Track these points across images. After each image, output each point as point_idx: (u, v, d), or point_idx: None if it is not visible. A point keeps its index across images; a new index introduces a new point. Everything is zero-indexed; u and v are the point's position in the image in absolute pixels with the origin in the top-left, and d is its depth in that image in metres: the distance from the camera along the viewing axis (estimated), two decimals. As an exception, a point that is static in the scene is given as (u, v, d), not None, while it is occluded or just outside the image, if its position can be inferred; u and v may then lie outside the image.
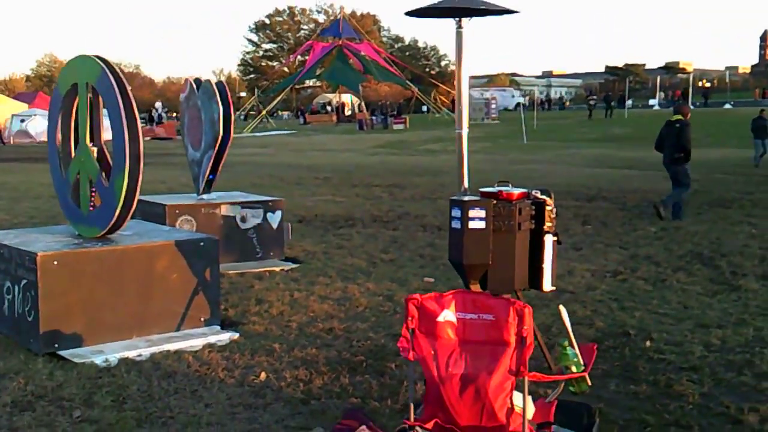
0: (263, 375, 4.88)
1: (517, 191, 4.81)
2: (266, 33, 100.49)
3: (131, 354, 5.22)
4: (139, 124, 5.43)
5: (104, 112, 5.54)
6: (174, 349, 5.36)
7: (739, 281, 7.59)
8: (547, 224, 4.86)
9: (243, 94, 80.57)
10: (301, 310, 6.47)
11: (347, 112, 64.54)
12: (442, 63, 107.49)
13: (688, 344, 5.60)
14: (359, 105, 64.36)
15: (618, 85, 67.92)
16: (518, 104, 65.14)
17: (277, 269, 8.08)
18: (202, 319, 5.80)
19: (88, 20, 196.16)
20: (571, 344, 3.47)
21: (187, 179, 18.93)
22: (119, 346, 5.33)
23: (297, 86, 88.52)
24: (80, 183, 5.81)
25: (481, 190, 4.87)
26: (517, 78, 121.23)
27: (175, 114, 64.12)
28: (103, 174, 5.63)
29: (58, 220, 9.86)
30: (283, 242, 8.63)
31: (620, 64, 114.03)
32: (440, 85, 66.35)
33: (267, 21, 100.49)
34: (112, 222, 5.54)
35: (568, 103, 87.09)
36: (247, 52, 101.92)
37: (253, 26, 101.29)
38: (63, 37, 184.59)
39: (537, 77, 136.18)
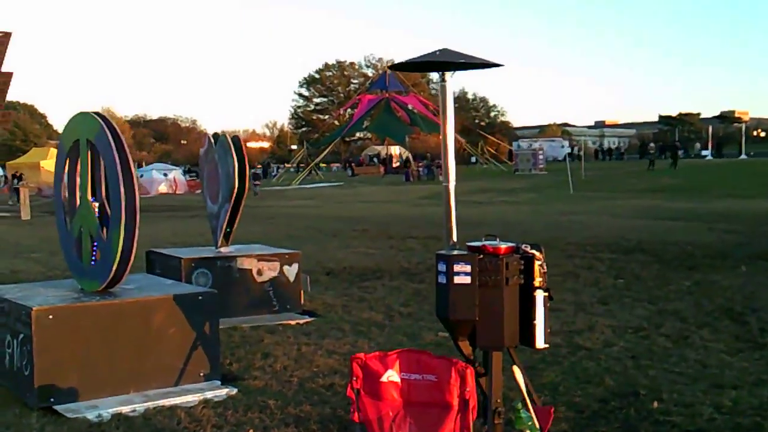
0: (250, 432, 4.81)
1: (504, 245, 4.71)
2: (316, 87, 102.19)
3: (125, 409, 5.19)
4: (136, 180, 5.49)
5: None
6: (169, 405, 5.33)
7: (766, 338, 7.30)
8: (538, 279, 4.74)
9: (294, 147, 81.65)
10: (305, 365, 6.39)
11: (395, 164, 64.92)
12: (492, 114, 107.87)
13: (699, 406, 5.36)
14: (406, 157, 64.73)
15: (671, 135, 67.14)
16: (568, 154, 64.84)
17: (293, 322, 8.03)
18: (202, 374, 5.77)
19: (144, 75, 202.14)
20: (525, 407, 3.33)
21: (180, 231, 19.18)
22: (115, 401, 5.32)
23: (347, 138, 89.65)
24: (82, 237, 5.87)
25: (468, 244, 4.78)
26: (569, 128, 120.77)
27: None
28: (104, 229, 5.68)
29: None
30: (300, 295, 8.59)
31: (674, 113, 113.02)
32: (487, 136, 66.46)
33: (317, 75, 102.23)
34: (111, 276, 5.56)
35: (623, 154, 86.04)
36: (298, 106, 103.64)
37: (303, 81, 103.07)
38: (121, 92, 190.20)
39: (589, 127, 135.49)
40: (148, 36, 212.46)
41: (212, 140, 8.69)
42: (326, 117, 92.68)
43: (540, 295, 4.74)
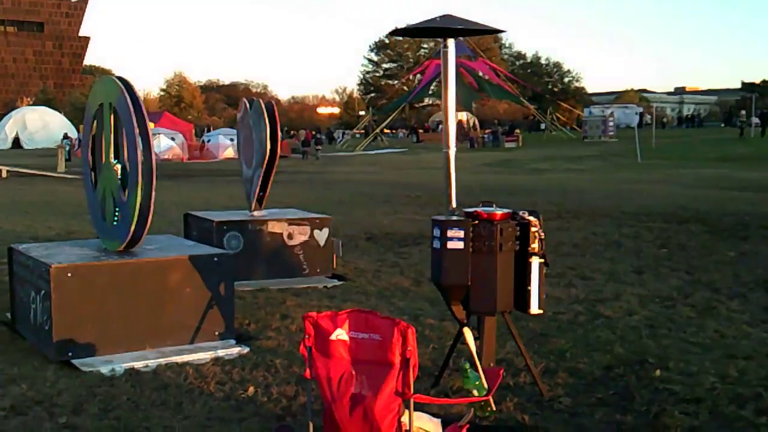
0: (251, 390, 4.97)
1: (500, 212, 4.75)
2: (386, 52, 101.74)
3: (138, 364, 5.42)
4: (153, 142, 5.65)
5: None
6: (181, 361, 5.53)
7: (795, 310, 7.15)
8: (533, 246, 4.77)
9: (362, 112, 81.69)
10: (321, 327, 6.53)
11: (464, 131, 64.41)
12: (565, 79, 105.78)
13: (703, 375, 5.32)
14: (473, 123, 64.18)
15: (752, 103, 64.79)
16: (641, 120, 63.27)
17: (320, 286, 8.19)
18: (216, 333, 5.96)
19: (219, 41, 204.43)
20: (474, 367, 3.38)
21: (283, 195, 19.53)
22: (130, 357, 5.55)
23: (416, 104, 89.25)
24: (105, 198, 6.10)
25: (465, 210, 4.82)
26: (647, 95, 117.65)
27: (292, 133, 65.69)
28: (125, 190, 5.89)
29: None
30: (331, 259, 8.73)
31: (758, 80, 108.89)
32: (558, 102, 65.32)
33: (386, 40, 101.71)
34: (129, 236, 5.78)
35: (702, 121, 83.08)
36: (367, 72, 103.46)
37: (373, 46, 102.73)
38: (196, 57, 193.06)
39: (668, 93, 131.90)
40: (222, 2, 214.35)
41: (247, 105, 8.84)
42: (395, 83, 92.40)
43: (535, 262, 4.78)
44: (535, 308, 4.83)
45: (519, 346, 5.02)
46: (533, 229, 4.77)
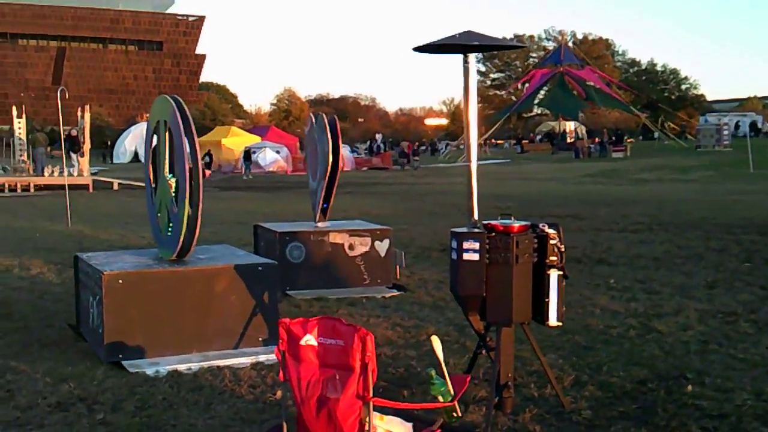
0: (279, 393, 5.17)
1: (518, 224, 4.80)
2: (493, 62, 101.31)
3: (182, 367, 5.72)
4: (200, 158, 5.97)
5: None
6: (222, 365, 5.80)
7: None
8: (551, 258, 4.79)
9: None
10: (365, 336, 6.69)
11: (569, 140, 63.47)
12: (683, 87, 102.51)
13: (738, 391, 5.19)
14: (580, 132, 63.12)
15: None
16: (755, 128, 60.70)
17: (378, 296, 8.35)
18: (260, 339, 6.21)
19: (329, 57, 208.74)
20: (440, 374, 3.46)
21: (373, 206, 19.85)
22: (175, 360, 5.86)
23: (524, 114, 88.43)
24: (161, 210, 6.47)
25: (484, 222, 4.89)
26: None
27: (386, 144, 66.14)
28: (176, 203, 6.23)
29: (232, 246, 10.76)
30: (391, 270, 8.89)
31: None
32: (669, 110, 63.39)
33: (494, 51, 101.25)
34: (179, 246, 6.11)
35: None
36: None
37: (481, 56, 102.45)
38: (303, 72, 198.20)
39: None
40: (332, 19, 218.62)
41: (313, 120, 9.13)
42: (502, 93, 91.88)
43: (554, 274, 4.81)
44: (553, 320, 4.85)
45: (539, 357, 5.04)
46: (552, 241, 4.80)
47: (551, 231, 4.82)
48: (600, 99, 59.06)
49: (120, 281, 5.83)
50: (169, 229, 6.37)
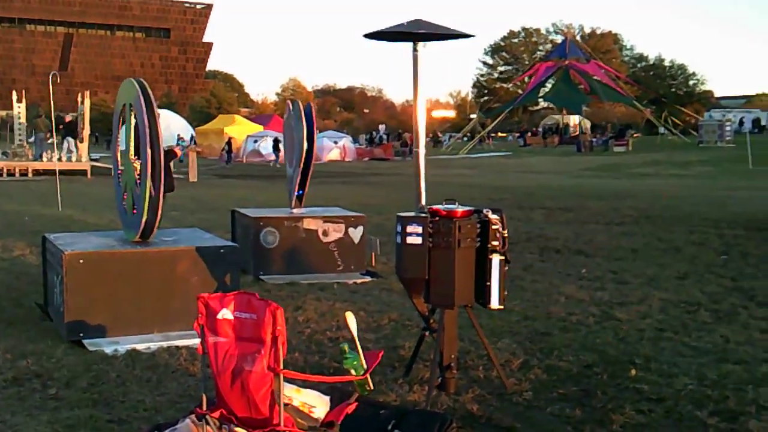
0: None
1: (461, 209, 4.89)
2: (501, 55, 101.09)
3: (140, 346, 5.84)
4: (161, 141, 6.08)
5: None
6: (181, 345, 5.91)
7: (822, 320, 6.90)
8: (493, 243, 4.89)
9: (473, 116, 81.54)
10: (328, 319, 6.81)
11: (572, 134, 63.37)
12: (690, 82, 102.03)
13: (681, 377, 5.29)
14: (583, 126, 62.99)
15: None
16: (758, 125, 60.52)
17: (350, 282, 8.46)
18: (222, 320, 6.30)
19: (334, 47, 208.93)
20: (354, 349, 3.57)
21: (367, 196, 19.92)
22: (136, 339, 5.98)
23: (529, 107, 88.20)
24: (126, 191, 6.58)
25: (430, 207, 4.98)
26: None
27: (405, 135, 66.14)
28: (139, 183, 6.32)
29: (212, 232, 10.86)
30: (365, 257, 8.99)
31: None
32: (675, 106, 63.15)
33: (502, 43, 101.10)
34: (141, 226, 6.21)
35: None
36: (482, 75, 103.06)
37: (488, 49, 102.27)
38: (310, 62, 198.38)
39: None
40: (339, 9, 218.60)
41: (290, 107, 9.22)
42: (509, 86, 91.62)
43: (496, 258, 4.90)
44: (495, 303, 4.95)
45: (481, 339, 5.14)
46: (494, 226, 4.89)
47: (494, 216, 4.91)
48: (604, 93, 58.79)
49: (81, 261, 5.95)
50: (134, 211, 6.47)
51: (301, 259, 8.69)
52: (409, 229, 4.81)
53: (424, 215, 4.87)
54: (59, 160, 22.74)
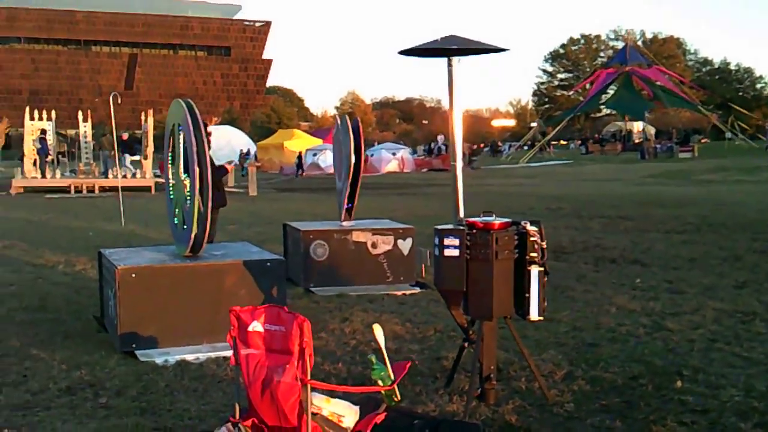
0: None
1: (498, 221, 4.90)
2: (561, 62, 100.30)
3: (189, 357, 5.99)
4: (208, 158, 6.24)
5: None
6: (228, 356, 6.01)
7: None
8: (531, 254, 4.89)
9: (533, 124, 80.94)
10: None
11: (636, 140, 62.39)
12: (757, 86, 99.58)
13: (728, 388, 5.20)
14: (647, 132, 61.94)
15: None
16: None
17: (399, 293, 8.51)
18: (269, 332, 6.42)
19: (388, 59, 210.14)
20: (381, 360, 3.61)
21: (421, 207, 19.98)
22: (186, 350, 6.13)
23: (592, 115, 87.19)
24: (177, 208, 6.76)
25: (467, 220, 5.01)
26: None
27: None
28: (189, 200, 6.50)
29: (264, 246, 11.07)
30: (414, 268, 9.04)
31: None
32: (742, 110, 61.60)
33: (561, 50, 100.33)
34: (191, 241, 6.38)
35: None
36: (542, 83, 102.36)
37: (548, 56, 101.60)
38: (366, 75, 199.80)
39: None
40: (398, 22, 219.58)
41: (338, 122, 9.34)
42: (570, 93, 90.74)
43: (534, 270, 4.91)
44: (534, 315, 4.94)
45: (521, 350, 5.14)
46: (532, 238, 4.90)
47: (532, 228, 4.92)
48: (668, 99, 57.78)
49: (133, 275, 6.14)
50: (184, 227, 6.64)
51: (351, 271, 8.78)
52: (447, 241, 4.85)
53: (461, 228, 4.90)
54: (124, 176, 23.33)
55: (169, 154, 6.92)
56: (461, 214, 5.24)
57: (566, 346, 6.39)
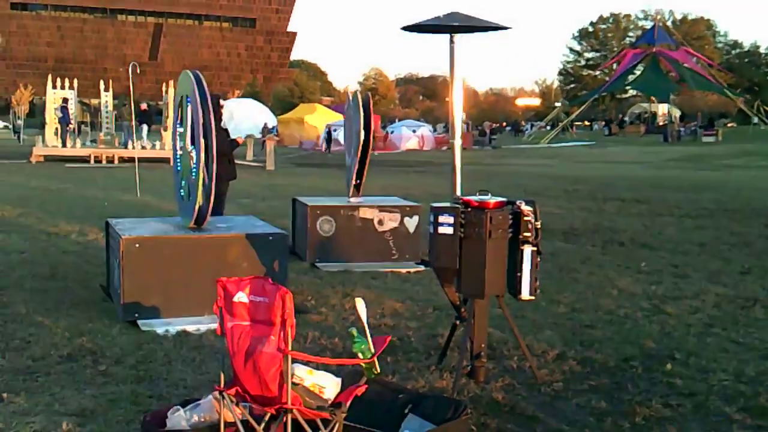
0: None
1: (493, 200, 4.94)
2: (589, 41, 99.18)
3: (190, 328, 6.10)
4: (213, 131, 6.30)
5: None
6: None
7: None
8: (525, 234, 4.93)
9: (558, 104, 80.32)
10: (374, 308, 6.93)
11: (661, 123, 61.80)
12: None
13: (718, 372, 5.25)
14: (672, 115, 61.31)
15: None
16: None
17: (403, 270, 8.58)
18: (270, 305, 6.52)
19: (413, 35, 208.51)
20: (362, 334, 3.68)
21: (436, 185, 19.99)
22: (187, 321, 6.24)
23: (618, 95, 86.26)
24: (183, 179, 6.85)
25: (461, 198, 5.06)
26: None
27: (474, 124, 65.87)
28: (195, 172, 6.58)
29: (275, 220, 11.21)
30: (420, 246, 9.09)
31: None
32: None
33: (590, 29, 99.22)
34: (195, 213, 6.48)
35: None
36: (568, 62, 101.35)
37: (577, 34, 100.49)
38: (390, 51, 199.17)
39: None
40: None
41: (350, 98, 9.38)
42: (596, 73, 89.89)
43: (527, 249, 4.95)
44: (525, 294, 5.00)
45: (513, 329, 5.20)
46: (526, 218, 4.94)
47: (526, 208, 4.95)
48: (694, 81, 57.09)
49: (137, 245, 6.25)
50: (189, 198, 6.74)
51: (357, 247, 8.86)
52: (441, 219, 4.90)
53: (456, 206, 4.94)
54: (143, 147, 23.51)
55: (179, 124, 7.00)
56: (458, 192, 5.28)
57: (563, 327, 6.44)
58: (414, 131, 44.68)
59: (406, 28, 5.36)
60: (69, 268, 8.46)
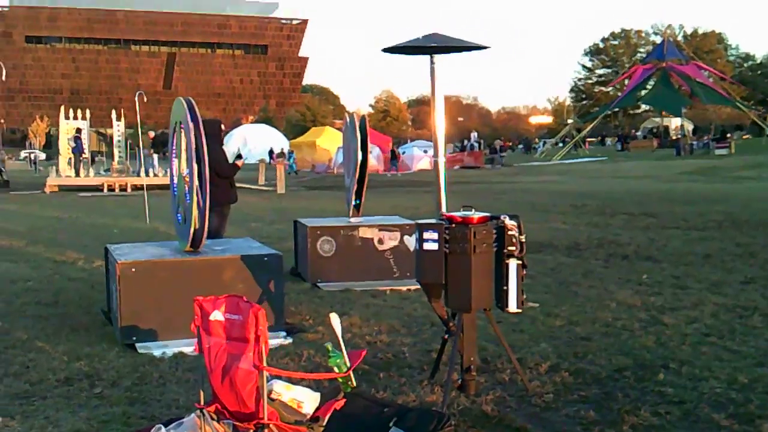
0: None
1: (477, 215, 4.99)
2: (600, 58, 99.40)
3: (187, 349, 6.14)
4: (205, 155, 6.40)
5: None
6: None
7: None
8: (509, 248, 4.98)
9: (570, 120, 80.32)
10: (371, 324, 6.99)
11: (673, 137, 61.69)
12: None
13: (710, 380, 5.25)
14: (685, 129, 61.18)
15: None
16: None
17: (403, 288, 8.62)
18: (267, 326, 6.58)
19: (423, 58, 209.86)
20: (338, 348, 3.73)
21: (417, 204, 20.02)
22: (184, 343, 6.27)
23: (631, 111, 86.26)
24: (179, 204, 6.95)
25: (445, 214, 5.11)
26: None
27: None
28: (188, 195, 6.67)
29: (280, 242, 11.31)
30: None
31: None
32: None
33: (601, 45, 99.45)
34: (191, 236, 6.56)
35: None
36: (579, 78, 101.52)
37: (587, 51, 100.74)
38: (402, 74, 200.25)
39: None
40: (432, 20, 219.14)
41: (347, 120, 9.48)
42: (608, 89, 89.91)
43: (513, 263, 4.99)
44: (513, 307, 5.03)
45: (502, 342, 5.22)
46: (510, 232, 4.98)
47: (510, 222, 5.00)
48: (705, 95, 57.06)
49: (133, 269, 6.33)
50: (185, 222, 6.82)
51: (357, 266, 8.91)
52: (426, 235, 4.96)
53: (440, 222, 5.00)
54: (147, 174, 23.72)
55: (174, 151, 7.11)
56: (443, 209, 5.33)
57: (558, 340, 6.45)
58: (425, 151, 44.80)
59: (387, 50, 5.44)
60: (72, 295, 8.57)
